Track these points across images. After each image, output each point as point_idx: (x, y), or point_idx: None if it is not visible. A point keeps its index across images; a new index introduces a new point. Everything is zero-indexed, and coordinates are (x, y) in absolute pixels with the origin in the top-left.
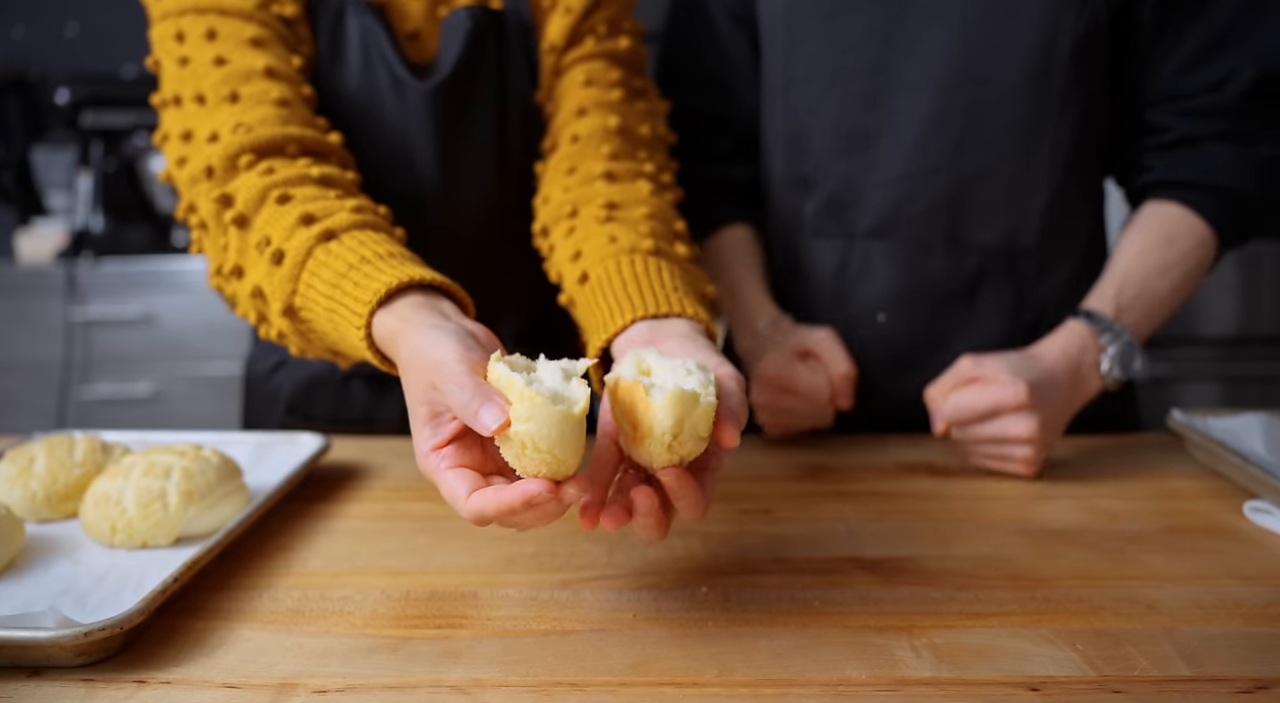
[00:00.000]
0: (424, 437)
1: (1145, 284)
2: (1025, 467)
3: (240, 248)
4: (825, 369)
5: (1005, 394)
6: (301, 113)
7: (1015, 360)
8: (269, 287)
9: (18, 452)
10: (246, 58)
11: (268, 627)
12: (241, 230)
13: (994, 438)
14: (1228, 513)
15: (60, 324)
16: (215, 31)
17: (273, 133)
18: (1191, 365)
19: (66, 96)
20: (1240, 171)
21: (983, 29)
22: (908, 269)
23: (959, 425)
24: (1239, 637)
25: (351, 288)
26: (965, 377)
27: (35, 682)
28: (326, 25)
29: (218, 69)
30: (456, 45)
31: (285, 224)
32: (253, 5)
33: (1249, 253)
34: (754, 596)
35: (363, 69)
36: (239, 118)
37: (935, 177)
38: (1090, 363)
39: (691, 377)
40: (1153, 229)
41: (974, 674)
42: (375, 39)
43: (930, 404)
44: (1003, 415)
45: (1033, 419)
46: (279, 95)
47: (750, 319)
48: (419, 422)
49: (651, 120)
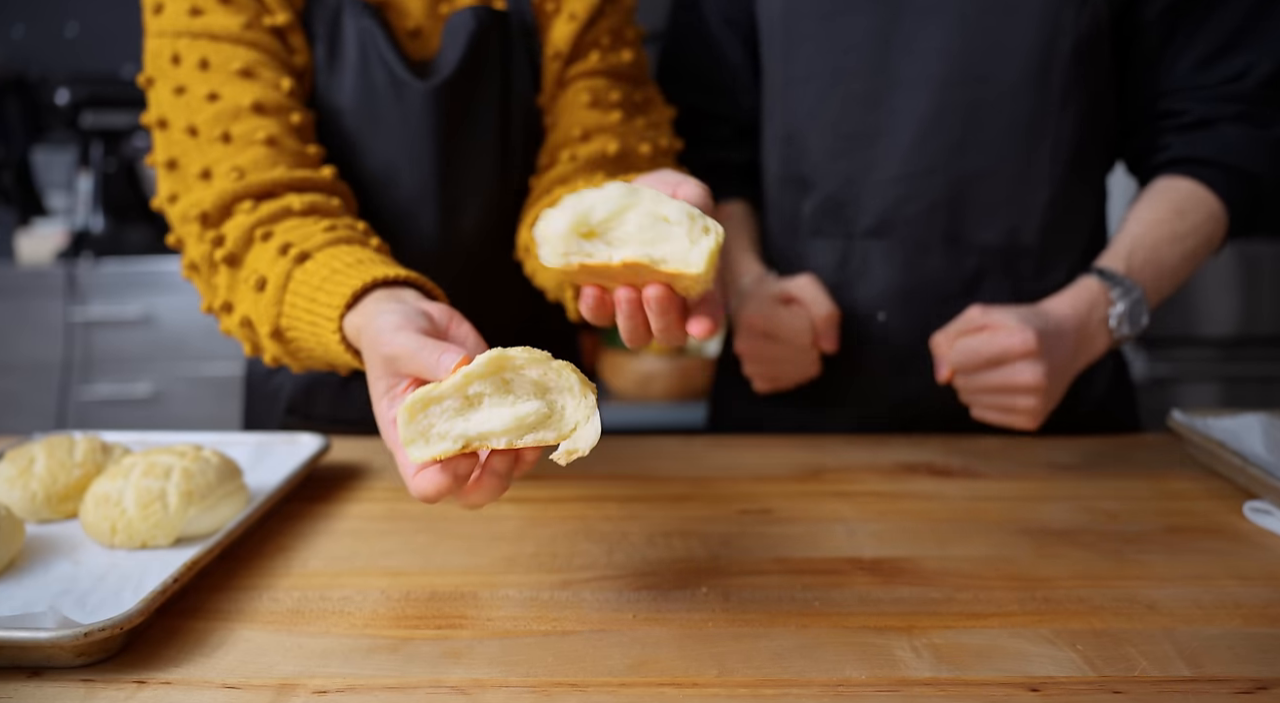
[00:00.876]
0: (381, 408)
1: (1156, 250)
2: (1028, 418)
3: (230, 284)
4: (807, 311)
5: (1013, 340)
6: (291, 148)
7: (1024, 311)
8: (255, 314)
9: (18, 452)
10: (236, 92)
11: (268, 627)
12: (232, 269)
13: (999, 386)
14: (1228, 514)
15: (60, 324)
16: (208, 61)
17: (262, 179)
18: (1191, 366)
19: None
20: (1254, 152)
21: (982, 27)
22: (907, 269)
23: (964, 372)
24: (1239, 637)
25: (325, 298)
26: (973, 325)
27: (35, 682)
28: (323, 29)
29: (210, 105)
30: (459, 45)
31: (268, 257)
32: (241, 25)
33: (1249, 253)
34: (754, 596)
35: (361, 71)
36: (231, 161)
37: (935, 176)
38: (1099, 318)
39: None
40: (1164, 201)
41: (974, 675)
42: (373, 40)
43: (935, 350)
44: (1010, 363)
45: (1039, 367)
46: (267, 134)
47: (736, 277)
48: (376, 395)
49: (653, 135)
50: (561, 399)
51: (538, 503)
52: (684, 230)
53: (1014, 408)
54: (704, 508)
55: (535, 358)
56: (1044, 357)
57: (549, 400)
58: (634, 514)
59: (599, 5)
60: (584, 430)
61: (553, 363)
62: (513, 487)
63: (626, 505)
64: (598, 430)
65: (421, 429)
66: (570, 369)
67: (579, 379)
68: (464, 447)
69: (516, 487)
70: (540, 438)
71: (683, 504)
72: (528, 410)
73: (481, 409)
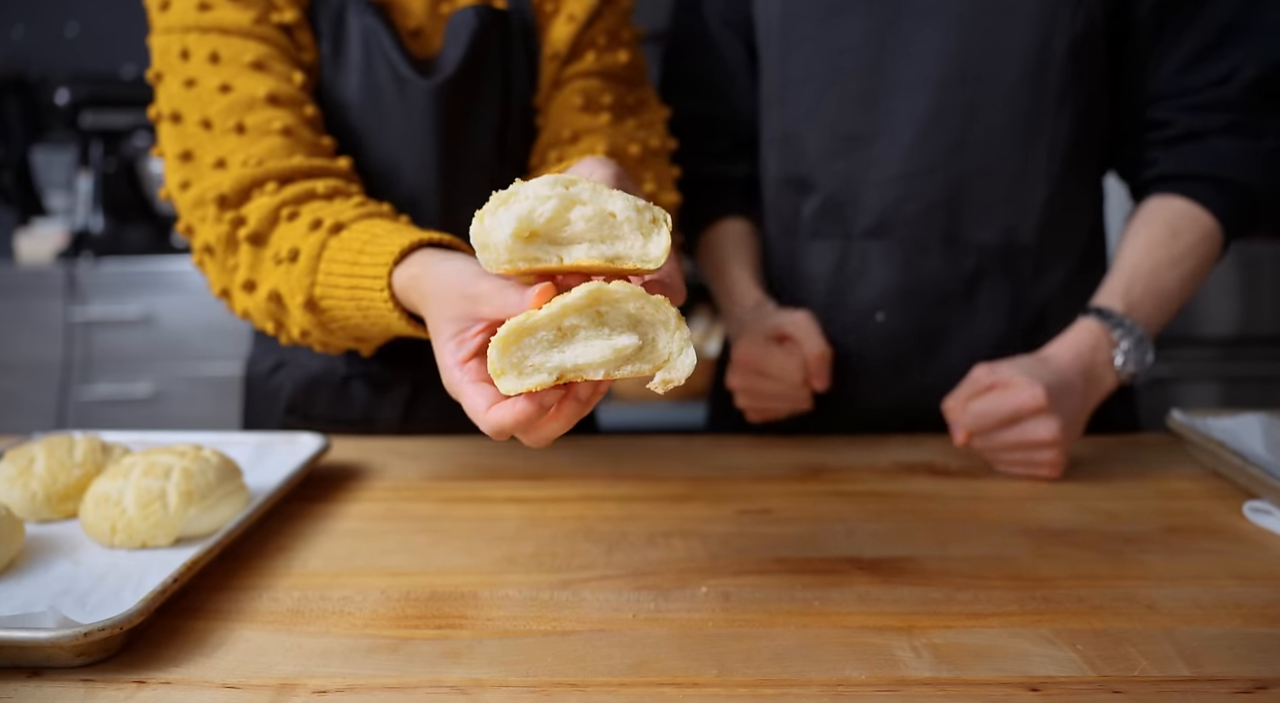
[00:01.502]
0: (448, 351)
1: (1154, 278)
2: (1050, 469)
3: (252, 263)
4: (799, 350)
5: (1024, 398)
6: (307, 139)
7: (1029, 364)
8: (286, 286)
9: (18, 452)
10: (250, 83)
11: (268, 627)
12: (256, 248)
13: (1017, 444)
14: (1228, 513)
15: (60, 324)
16: (218, 54)
17: (281, 166)
18: (1191, 366)
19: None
20: (1246, 165)
21: (979, 27)
22: (906, 269)
23: (980, 434)
24: (1239, 637)
25: (369, 260)
26: (982, 385)
27: (35, 682)
28: (328, 27)
29: (223, 96)
30: (461, 44)
31: (299, 232)
32: (251, 20)
33: (1249, 253)
34: (754, 596)
35: (365, 69)
36: (247, 151)
37: (933, 176)
38: (1103, 360)
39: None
40: (1158, 223)
41: (974, 675)
42: (377, 38)
43: (949, 415)
44: (1024, 421)
45: (1054, 421)
46: (283, 124)
47: (734, 304)
48: (443, 339)
49: (644, 135)
50: (654, 331)
51: (538, 503)
52: (633, 225)
53: (1035, 462)
54: (704, 508)
55: (634, 291)
56: (1056, 409)
57: (643, 332)
58: (634, 514)
59: (597, 6)
60: (680, 360)
61: (650, 297)
62: (513, 487)
63: (626, 505)
64: (693, 360)
65: (514, 361)
66: (667, 302)
67: (674, 313)
68: (559, 379)
69: (516, 487)
70: (638, 369)
71: (683, 504)
72: (625, 343)
73: (576, 341)
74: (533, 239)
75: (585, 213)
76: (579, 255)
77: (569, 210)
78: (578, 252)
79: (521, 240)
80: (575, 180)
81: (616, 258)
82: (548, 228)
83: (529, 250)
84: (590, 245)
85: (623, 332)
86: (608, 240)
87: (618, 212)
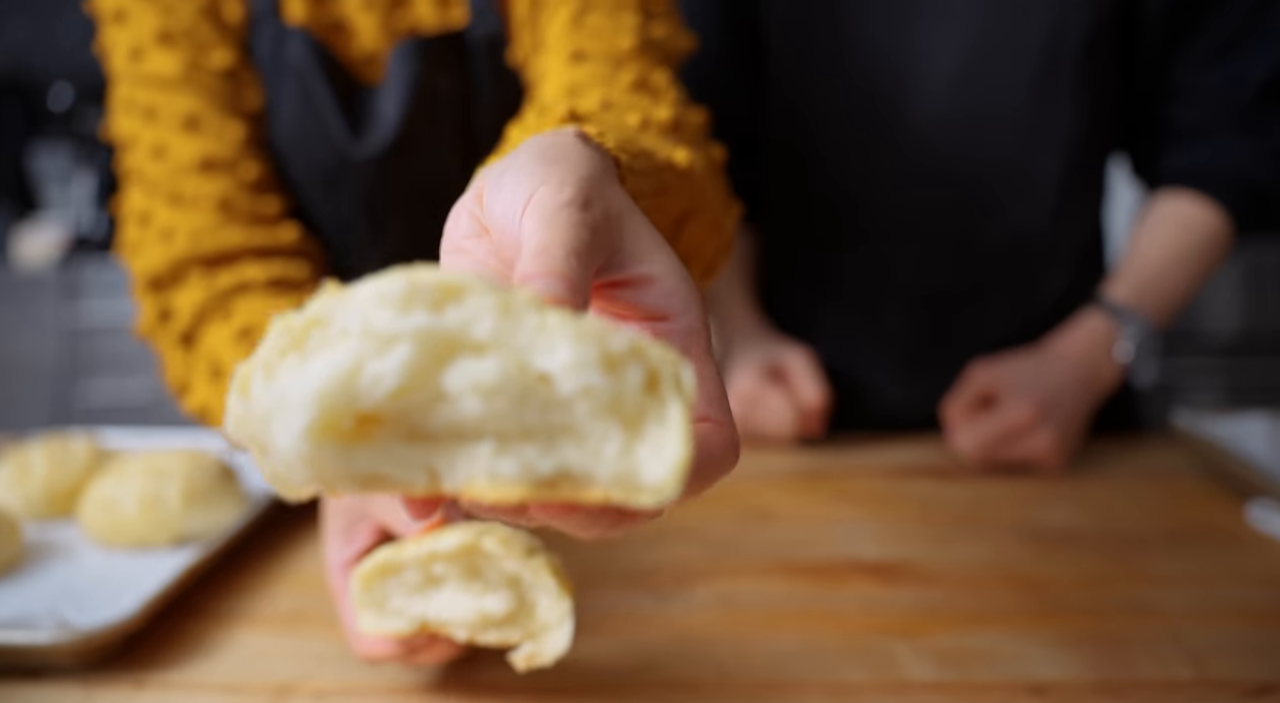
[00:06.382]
0: (334, 547)
1: (1162, 273)
2: (1053, 469)
3: (187, 364)
4: (795, 396)
5: (1014, 416)
6: (244, 209)
7: (1025, 368)
8: (214, 405)
9: (16, 453)
10: (182, 147)
11: (267, 630)
12: (186, 350)
13: (1019, 458)
14: (1230, 515)
15: (58, 326)
16: (154, 110)
17: (215, 246)
18: (1194, 366)
19: (65, 97)
20: (1257, 162)
21: (990, 26)
22: (915, 269)
23: (982, 452)
24: (1243, 640)
25: None
26: (977, 389)
27: (33, 685)
28: (265, 61)
29: (159, 162)
30: (400, 96)
31: (224, 342)
32: (181, 68)
33: (1252, 254)
34: (753, 598)
35: (301, 117)
36: (181, 225)
37: (942, 176)
38: (1104, 354)
39: None
40: (1168, 219)
41: (976, 678)
42: (314, 85)
43: (948, 422)
44: (1020, 438)
45: (1049, 433)
46: (217, 194)
47: (726, 320)
48: (330, 530)
49: (642, 24)
50: (534, 595)
51: None
52: (598, 404)
53: (1037, 468)
54: (704, 508)
55: (512, 551)
56: (1048, 419)
57: (520, 594)
58: None
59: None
60: (553, 636)
61: (530, 561)
62: None
63: None
64: (567, 639)
65: (376, 599)
66: (549, 571)
67: (557, 583)
68: (419, 629)
69: None
70: (504, 636)
71: (682, 504)
72: (495, 607)
73: (445, 590)
74: (365, 435)
75: (481, 374)
76: (477, 473)
77: (442, 368)
78: (474, 463)
79: (337, 440)
80: (461, 288)
81: (563, 478)
82: (397, 407)
83: (357, 462)
84: (499, 450)
85: (498, 589)
86: (542, 440)
87: (557, 374)
